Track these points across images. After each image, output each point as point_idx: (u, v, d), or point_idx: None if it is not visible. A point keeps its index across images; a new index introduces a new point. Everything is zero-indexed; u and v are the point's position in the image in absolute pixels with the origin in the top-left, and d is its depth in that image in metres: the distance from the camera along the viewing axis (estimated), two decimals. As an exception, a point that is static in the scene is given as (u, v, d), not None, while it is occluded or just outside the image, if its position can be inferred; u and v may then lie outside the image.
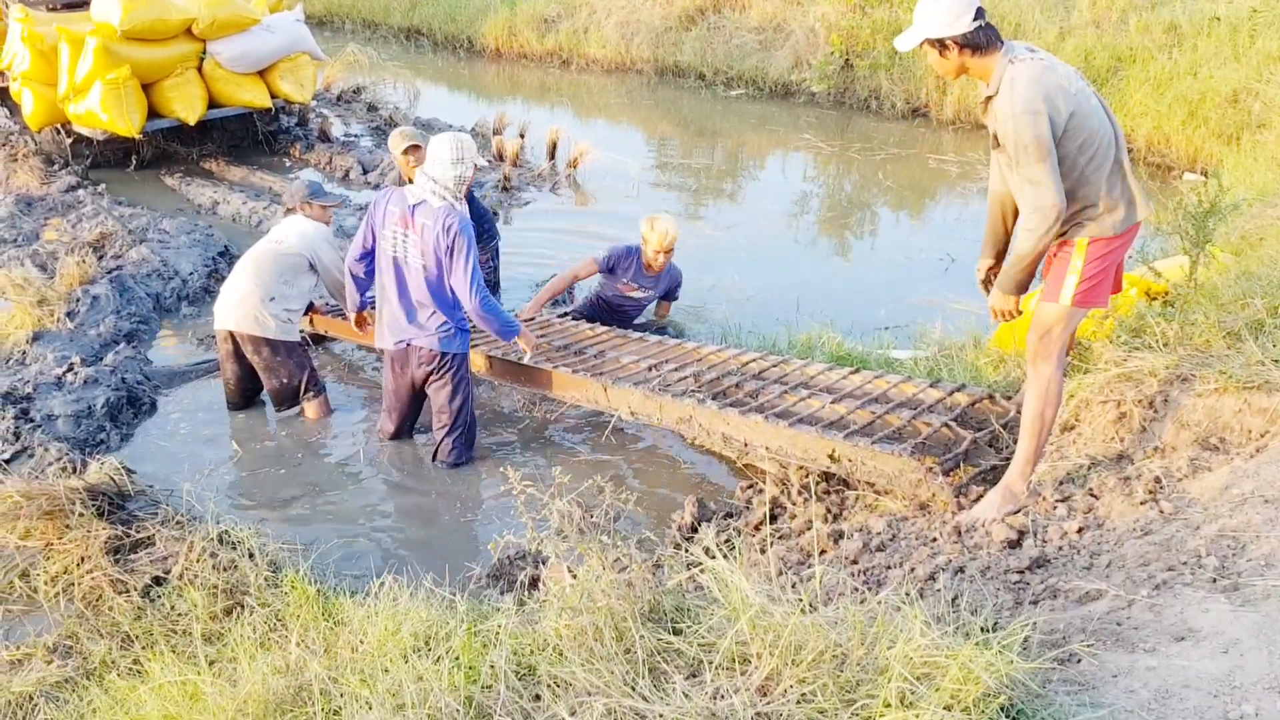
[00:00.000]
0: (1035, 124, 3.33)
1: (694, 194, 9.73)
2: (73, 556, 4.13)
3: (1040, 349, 3.62)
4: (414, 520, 4.79)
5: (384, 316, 4.98)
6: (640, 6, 15.30)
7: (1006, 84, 3.41)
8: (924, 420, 4.28)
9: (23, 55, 9.42)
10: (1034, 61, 3.44)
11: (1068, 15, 11.83)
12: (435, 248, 4.71)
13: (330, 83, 13.53)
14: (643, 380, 4.95)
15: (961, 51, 3.49)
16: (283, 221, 5.91)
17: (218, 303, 5.63)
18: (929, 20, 3.49)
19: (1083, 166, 3.46)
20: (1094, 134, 3.45)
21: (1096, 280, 3.57)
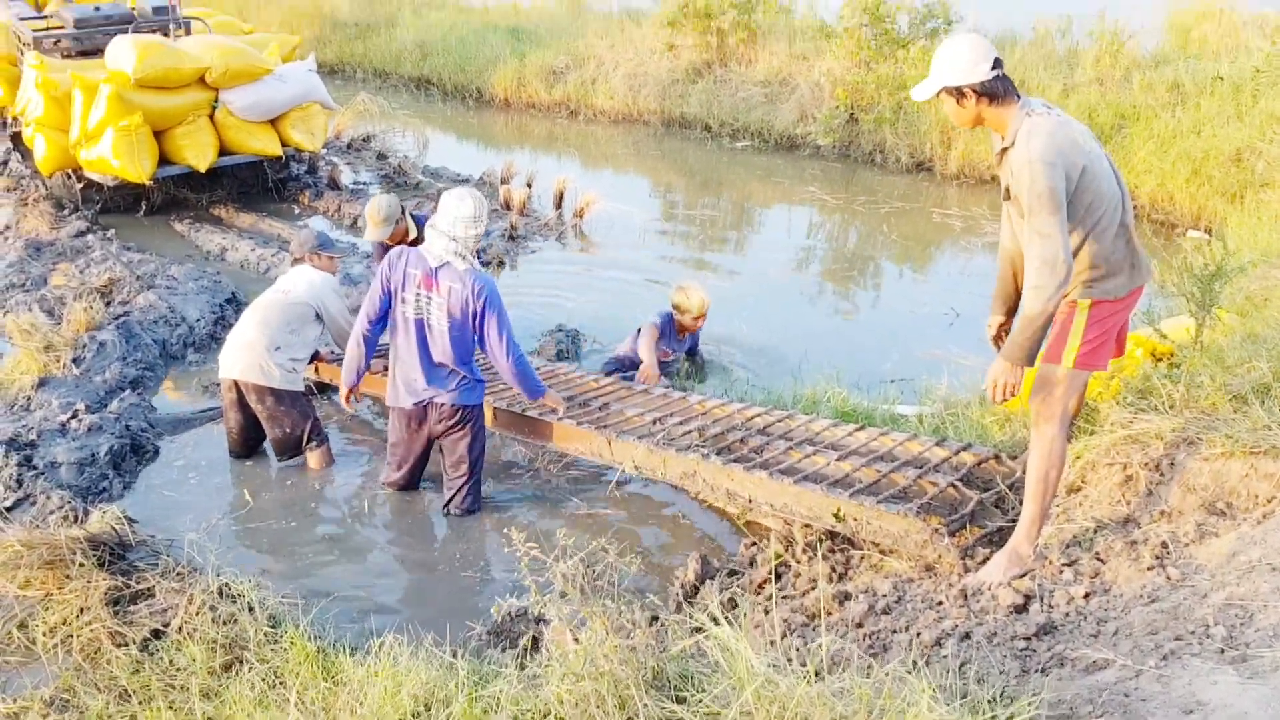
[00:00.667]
0: (1050, 174, 3.34)
1: (699, 244, 9.78)
2: (72, 607, 4.10)
3: (1042, 410, 3.62)
4: (415, 574, 4.76)
5: (399, 376, 4.97)
6: (648, 59, 15.46)
7: (1024, 135, 3.43)
8: (930, 480, 4.26)
9: (36, 101, 9.52)
10: (1051, 116, 3.48)
11: (1071, 72, 11.93)
12: (462, 309, 4.73)
13: (340, 130, 13.65)
14: (647, 434, 4.94)
15: (979, 100, 3.52)
16: (290, 271, 5.94)
17: (223, 351, 5.64)
18: (947, 69, 3.52)
19: (1090, 226, 3.50)
20: (1102, 195, 3.49)
21: (1098, 343, 3.58)
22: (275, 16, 20.76)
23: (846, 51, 12.92)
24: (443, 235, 4.74)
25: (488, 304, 4.75)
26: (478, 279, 4.75)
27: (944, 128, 11.82)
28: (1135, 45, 12.28)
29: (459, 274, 4.73)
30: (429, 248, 4.80)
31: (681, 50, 15.20)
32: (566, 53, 16.46)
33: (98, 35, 10.50)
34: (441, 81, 17.73)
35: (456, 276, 4.72)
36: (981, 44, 3.53)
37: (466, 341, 4.85)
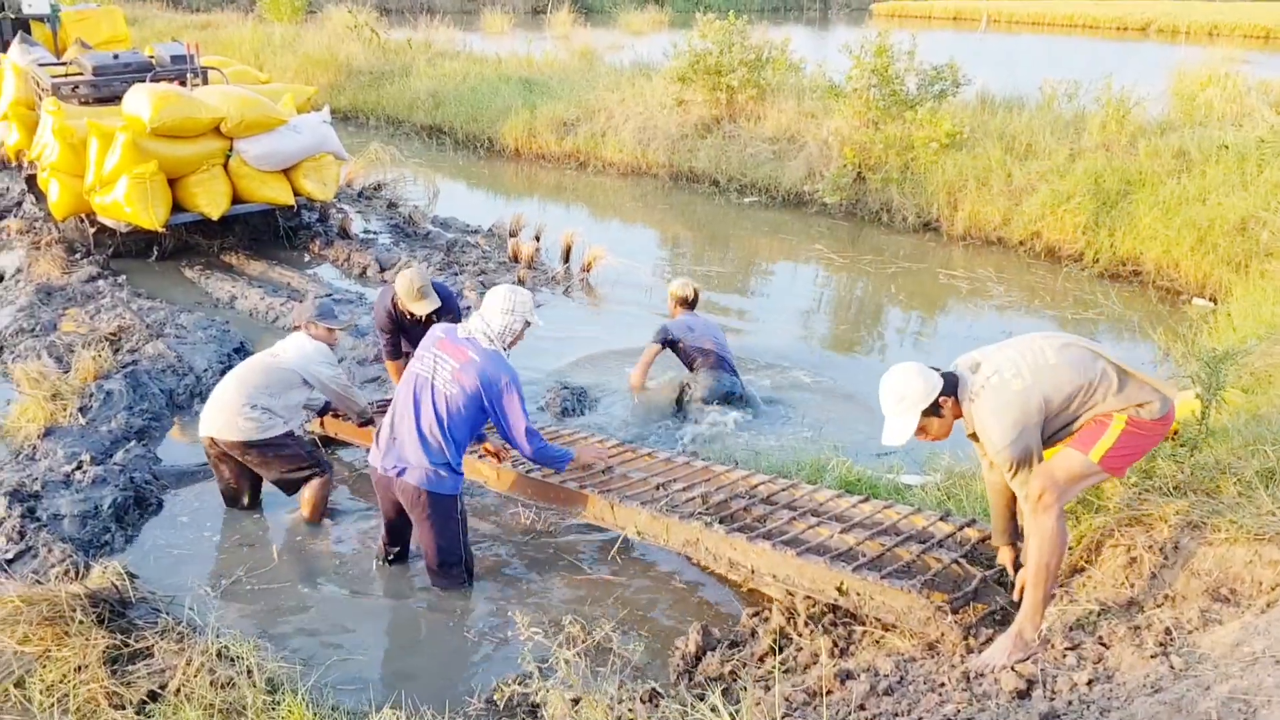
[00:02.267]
0: (1021, 446, 3.54)
1: (705, 301, 9.78)
2: (70, 665, 4.09)
3: (1048, 499, 3.58)
4: (415, 639, 4.73)
5: (383, 432, 4.91)
6: (657, 113, 15.62)
7: (981, 429, 3.63)
8: (934, 555, 4.26)
9: (53, 146, 9.63)
10: (988, 390, 3.61)
11: (1078, 138, 12.03)
12: (474, 386, 4.69)
13: (352, 178, 13.77)
14: (650, 500, 4.94)
15: (950, 403, 3.67)
16: (288, 336, 5.95)
17: (204, 409, 5.67)
18: (914, 397, 3.63)
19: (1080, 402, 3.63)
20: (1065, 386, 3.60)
21: (1126, 453, 3.65)
22: (291, 64, 21.05)
23: (855, 111, 13.04)
24: (479, 318, 4.81)
25: (505, 388, 4.72)
26: (500, 362, 4.74)
27: (950, 189, 11.92)
28: (1141, 111, 12.40)
29: (483, 350, 4.73)
30: (463, 325, 4.88)
31: (691, 105, 15.38)
32: (577, 105, 16.65)
33: (116, 83, 10.65)
34: (453, 130, 17.94)
35: (480, 352, 4.72)
36: (916, 365, 3.71)
37: (461, 420, 4.73)
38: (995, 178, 11.66)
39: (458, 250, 10.97)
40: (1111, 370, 3.63)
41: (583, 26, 30.67)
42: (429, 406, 4.74)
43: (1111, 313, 9.24)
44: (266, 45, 22.66)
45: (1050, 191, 10.97)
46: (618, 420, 7.07)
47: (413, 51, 21.71)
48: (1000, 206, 11.41)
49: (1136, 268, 10.16)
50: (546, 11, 32.98)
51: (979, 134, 12.58)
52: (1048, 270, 10.67)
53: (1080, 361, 3.63)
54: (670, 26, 33.45)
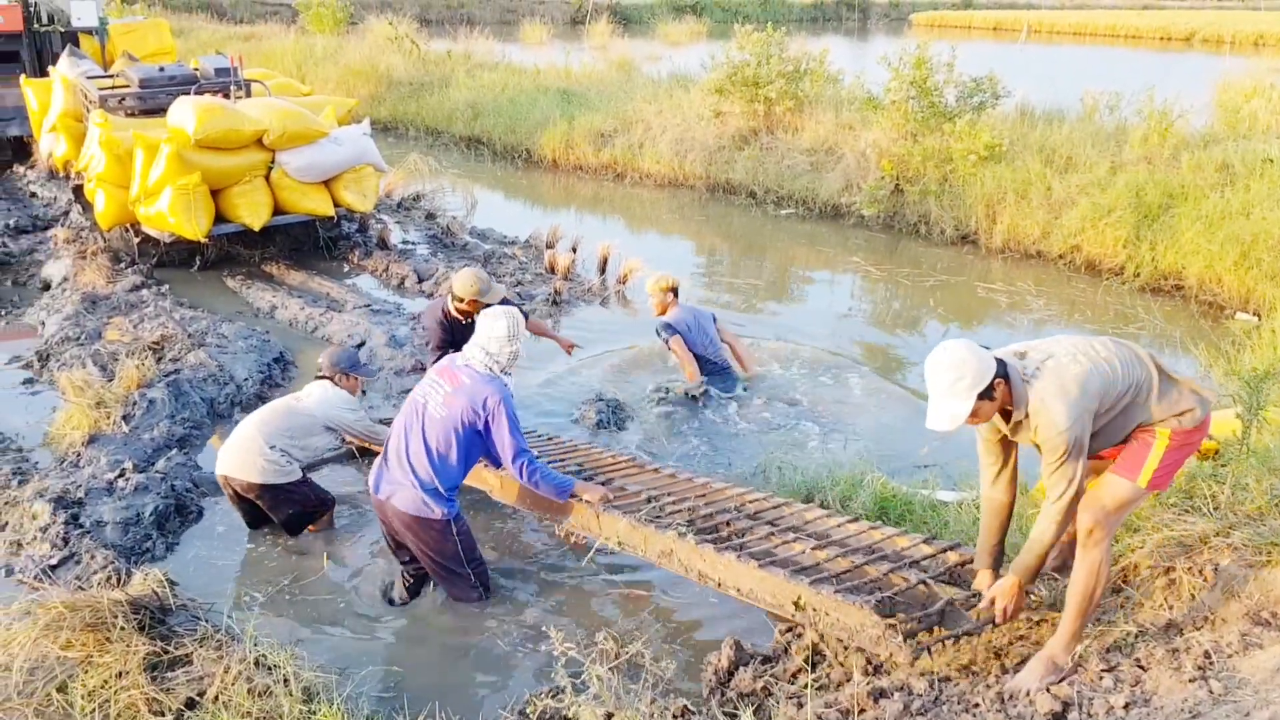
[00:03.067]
0: (1077, 432, 3.42)
1: (742, 312, 9.78)
2: (111, 671, 4.15)
3: (1102, 529, 3.55)
4: (448, 653, 4.73)
5: (380, 457, 4.93)
6: (695, 125, 15.65)
7: (1040, 406, 3.47)
8: (903, 575, 4.17)
9: (99, 158, 9.81)
10: (1046, 371, 3.51)
11: (1119, 150, 11.92)
12: (467, 409, 4.67)
13: (391, 189, 13.89)
14: (631, 509, 4.90)
15: (1004, 385, 3.51)
16: (312, 384, 5.94)
17: (222, 447, 5.69)
18: (970, 378, 3.45)
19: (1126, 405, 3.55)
20: (1119, 383, 3.53)
21: (1171, 468, 3.62)
22: (333, 75, 21.30)
23: (893, 123, 13.01)
24: (479, 347, 4.80)
25: (495, 411, 4.67)
26: (492, 383, 4.72)
27: (989, 201, 11.84)
28: (1184, 123, 12.27)
29: (478, 374, 4.75)
30: (465, 350, 4.88)
31: (728, 117, 15.40)
32: (615, 116, 16.71)
33: (161, 95, 10.82)
34: (491, 141, 18.06)
35: (474, 375, 4.73)
36: (967, 343, 3.57)
37: (451, 445, 4.69)
38: (1035, 190, 11.57)
39: (495, 261, 11.04)
40: (1155, 373, 3.58)
41: (621, 37, 30.85)
42: (418, 433, 4.73)
43: (1153, 327, 9.13)
44: (309, 57, 22.95)
45: (1091, 204, 10.87)
46: (646, 431, 7.08)
47: (452, 63, 21.90)
48: (1040, 219, 11.33)
49: (1178, 282, 10.04)
50: (585, 22, 33.17)
51: (1018, 146, 12.49)
52: (1088, 284, 10.57)
53: (1129, 361, 3.57)
54: (708, 37, 33.54)
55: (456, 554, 4.85)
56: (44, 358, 8.04)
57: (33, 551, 5.33)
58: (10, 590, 5.03)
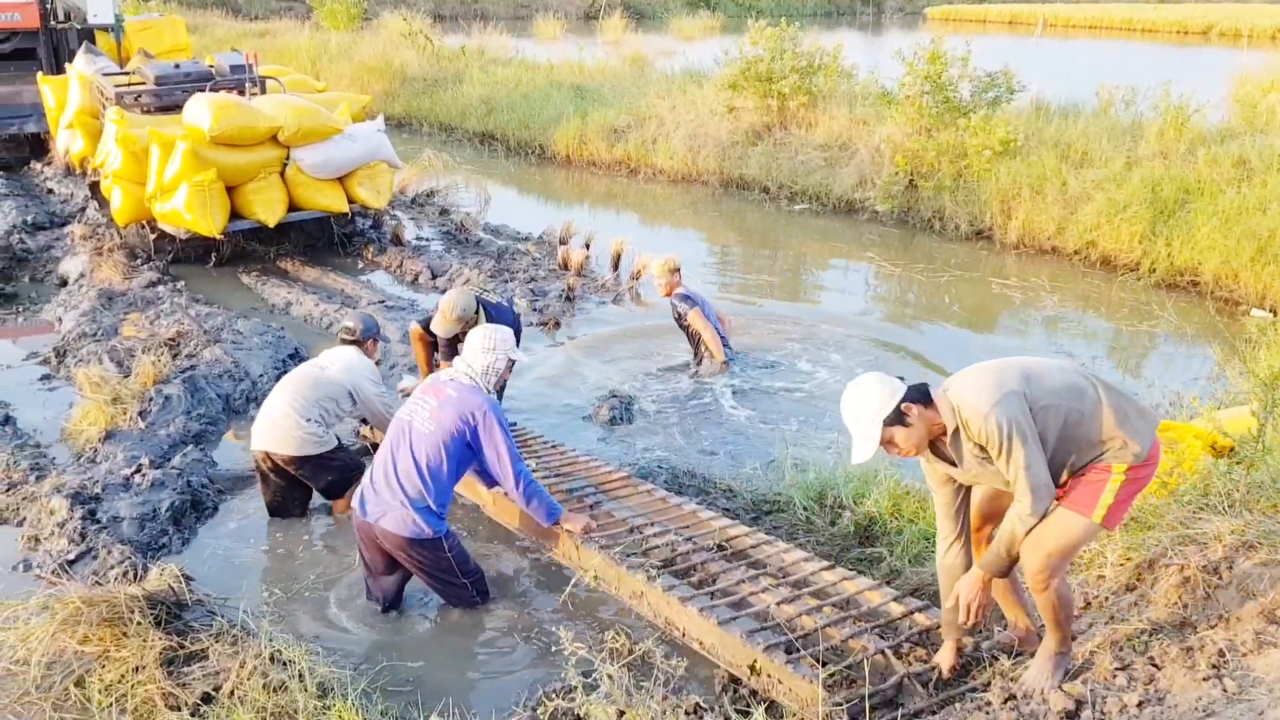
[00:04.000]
0: (1008, 411, 3.28)
1: (755, 309, 9.78)
2: (128, 666, 4.19)
3: (1053, 569, 3.43)
4: (460, 651, 4.74)
5: (365, 478, 4.86)
6: (708, 120, 15.64)
7: (962, 405, 3.37)
8: (863, 641, 4.04)
9: (116, 154, 9.86)
10: (965, 376, 3.47)
11: (1135, 146, 11.86)
12: (454, 422, 4.63)
13: (405, 185, 13.93)
14: (610, 542, 4.84)
15: (918, 410, 3.40)
16: (331, 350, 6.01)
17: (256, 423, 5.72)
18: (873, 406, 3.39)
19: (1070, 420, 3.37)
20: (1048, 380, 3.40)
21: (1125, 502, 3.44)
22: (347, 71, 21.34)
23: (907, 118, 12.98)
24: (462, 361, 4.83)
25: (484, 421, 4.64)
26: (477, 394, 4.69)
27: (1004, 197, 11.80)
28: (1201, 118, 12.20)
29: (462, 386, 4.73)
30: (447, 372, 4.90)
31: (742, 112, 15.37)
32: (628, 112, 16.71)
33: (177, 92, 10.87)
34: (505, 137, 18.08)
35: (458, 388, 4.73)
36: (876, 374, 3.50)
37: (440, 460, 4.62)
38: (1050, 186, 11.52)
39: (508, 258, 11.06)
40: (1101, 392, 3.40)
41: (634, 32, 30.81)
42: (406, 450, 4.67)
43: (1168, 324, 9.08)
44: (323, 53, 23.01)
45: (1106, 200, 10.82)
46: (658, 426, 7.09)
47: (466, 58, 21.93)
48: (1055, 215, 11.28)
49: (1194, 278, 9.99)
50: (598, 17, 33.15)
51: (1033, 141, 12.44)
52: (1103, 280, 10.53)
53: (1068, 371, 3.47)
54: (722, 32, 33.49)
55: (451, 569, 4.80)
56: (61, 354, 8.10)
57: (50, 546, 5.37)
58: (28, 585, 5.07)
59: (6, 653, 4.36)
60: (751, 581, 4.52)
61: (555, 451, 6.20)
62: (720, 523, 5.16)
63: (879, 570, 4.86)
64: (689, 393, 7.59)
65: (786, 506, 5.70)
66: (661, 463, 6.41)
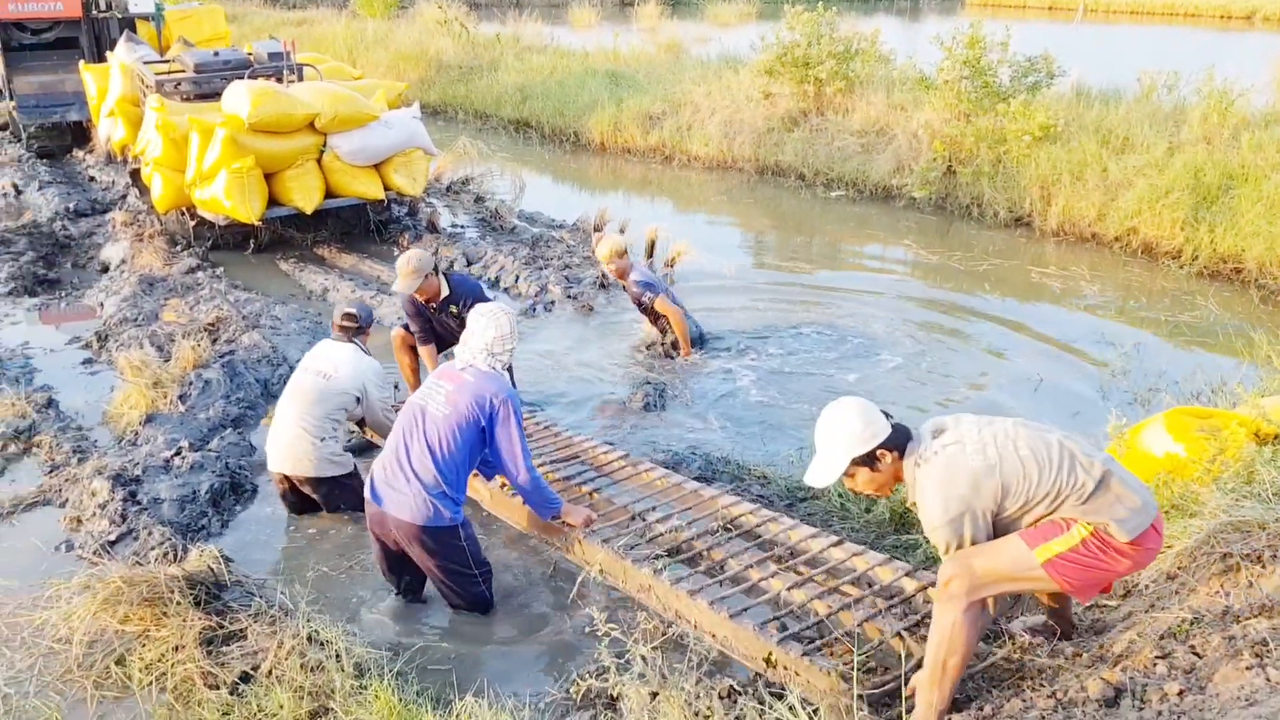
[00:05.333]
0: (958, 530, 3.21)
1: (790, 296, 9.73)
2: (168, 645, 4.26)
3: (955, 588, 3.22)
4: (495, 633, 4.75)
5: (377, 464, 4.76)
6: (744, 106, 15.56)
7: (919, 496, 3.26)
8: (879, 624, 3.98)
9: (156, 142, 9.96)
10: (939, 456, 3.26)
11: (1177, 130, 11.68)
12: (469, 407, 4.54)
13: (440, 173, 13.97)
14: (613, 536, 4.75)
15: (892, 456, 3.29)
16: (328, 347, 5.76)
17: (270, 443, 5.62)
18: (846, 439, 3.27)
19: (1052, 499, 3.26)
20: (1031, 488, 3.25)
21: (1085, 569, 3.26)
22: (383, 60, 21.43)
23: (945, 103, 12.85)
24: (480, 350, 4.68)
25: (500, 409, 4.55)
26: (501, 384, 4.62)
27: (1044, 183, 11.66)
28: (1245, 103, 11.98)
29: (480, 372, 4.63)
30: (460, 354, 4.76)
31: (778, 98, 15.29)
32: (663, 99, 16.66)
33: (216, 80, 10.96)
34: (540, 124, 18.09)
35: (476, 373, 4.63)
36: (859, 403, 3.36)
37: (455, 445, 4.53)
38: (1090, 172, 11.37)
39: (543, 245, 11.07)
40: (1087, 479, 3.24)
41: (670, 19, 30.69)
42: (420, 436, 4.57)
43: (1210, 313, 8.94)
44: (360, 41, 23.12)
45: (1148, 186, 10.67)
46: (698, 411, 7.08)
47: (501, 46, 21.95)
48: (1095, 201, 11.13)
49: (1238, 266, 9.83)
50: (634, 4, 33.07)
51: (1074, 127, 12.28)
52: (1143, 268, 10.39)
53: (1055, 462, 3.26)
54: (758, 18, 33.27)
55: (465, 558, 4.69)
56: (103, 338, 8.21)
57: (92, 527, 5.45)
58: (70, 565, 5.16)
59: (49, 631, 4.45)
60: (760, 566, 4.46)
61: (550, 434, 6.14)
62: (724, 501, 5.08)
63: (914, 557, 4.82)
64: (716, 378, 7.57)
65: (821, 494, 5.67)
66: (695, 449, 6.40)
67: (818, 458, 3.34)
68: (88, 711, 4.06)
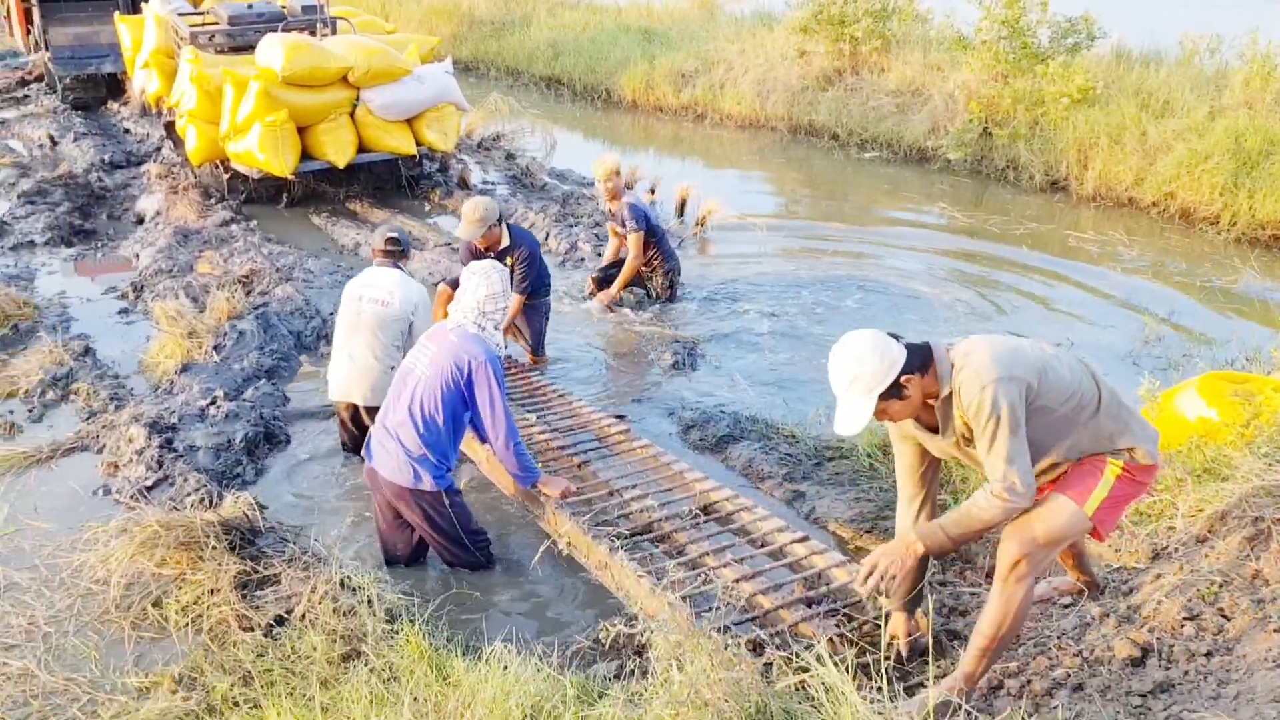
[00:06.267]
0: (1009, 391, 3.00)
1: (821, 257, 9.68)
2: (203, 588, 4.34)
3: (1024, 569, 3.16)
4: (524, 582, 4.80)
5: (376, 426, 4.76)
6: (778, 65, 15.41)
7: (964, 372, 3.08)
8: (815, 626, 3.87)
9: (190, 94, 10.00)
10: (973, 341, 3.17)
11: (1219, 95, 11.47)
12: (452, 368, 4.50)
13: (472, 129, 13.95)
14: (582, 510, 4.73)
15: (916, 379, 3.12)
16: (380, 272, 5.68)
17: (335, 371, 5.62)
18: (868, 380, 3.08)
19: (1074, 408, 3.16)
20: (1061, 380, 3.14)
21: (1118, 505, 3.22)
22: (416, 14, 21.36)
23: (983, 64, 12.66)
24: (471, 309, 4.63)
25: (477, 372, 4.48)
26: (481, 345, 4.54)
27: (1081, 147, 11.50)
28: (1289, 67, 11.73)
29: (465, 334, 4.58)
30: (453, 314, 4.72)
31: (813, 57, 15.12)
32: (696, 56, 16.53)
33: (250, 32, 10.97)
34: (571, 81, 18.00)
35: (461, 334, 4.58)
36: (872, 336, 3.14)
37: (437, 408, 4.49)
38: (1129, 135, 11.20)
39: (573, 202, 11.06)
40: (1100, 390, 3.21)
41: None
42: (405, 398, 4.55)
43: (1248, 280, 8.82)
44: (392, -5, 23.04)
45: (1187, 150, 10.50)
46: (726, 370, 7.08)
47: (533, 2, 21.80)
48: (1133, 165, 10.97)
49: (1277, 232, 9.68)
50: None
51: (1113, 89, 12.08)
52: (1181, 233, 10.25)
53: (1075, 366, 3.22)
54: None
55: (453, 528, 4.66)
56: (138, 289, 8.31)
57: (129, 473, 5.55)
58: (107, 509, 5.25)
59: (87, 573, 4.54)
60: (717, 555, 4.39)
61: (562, 400, 6.15)
62: (704, 485, 4.99)
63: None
64: (744, 336, 7.58)
65: (849, 454, 5.68)
66: (723, 407, 6.41)
67: (841, 404, 3.14)
68: (125, 650, 4.15)
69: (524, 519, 5.19)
